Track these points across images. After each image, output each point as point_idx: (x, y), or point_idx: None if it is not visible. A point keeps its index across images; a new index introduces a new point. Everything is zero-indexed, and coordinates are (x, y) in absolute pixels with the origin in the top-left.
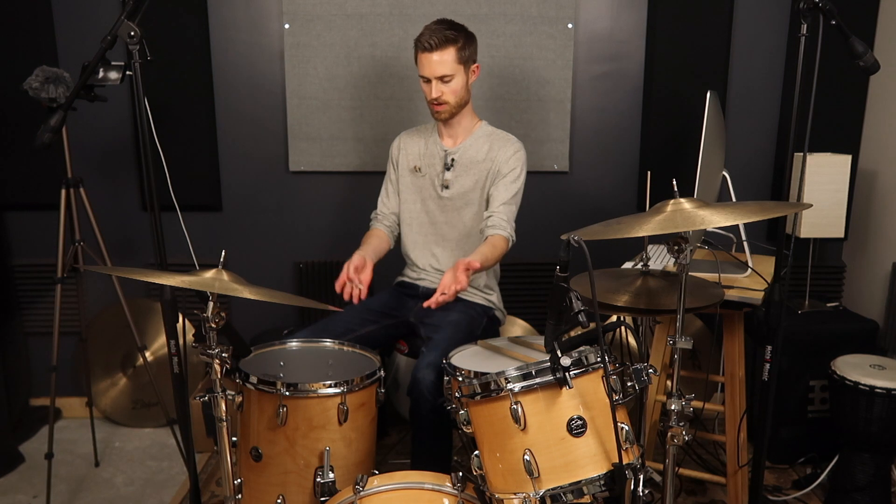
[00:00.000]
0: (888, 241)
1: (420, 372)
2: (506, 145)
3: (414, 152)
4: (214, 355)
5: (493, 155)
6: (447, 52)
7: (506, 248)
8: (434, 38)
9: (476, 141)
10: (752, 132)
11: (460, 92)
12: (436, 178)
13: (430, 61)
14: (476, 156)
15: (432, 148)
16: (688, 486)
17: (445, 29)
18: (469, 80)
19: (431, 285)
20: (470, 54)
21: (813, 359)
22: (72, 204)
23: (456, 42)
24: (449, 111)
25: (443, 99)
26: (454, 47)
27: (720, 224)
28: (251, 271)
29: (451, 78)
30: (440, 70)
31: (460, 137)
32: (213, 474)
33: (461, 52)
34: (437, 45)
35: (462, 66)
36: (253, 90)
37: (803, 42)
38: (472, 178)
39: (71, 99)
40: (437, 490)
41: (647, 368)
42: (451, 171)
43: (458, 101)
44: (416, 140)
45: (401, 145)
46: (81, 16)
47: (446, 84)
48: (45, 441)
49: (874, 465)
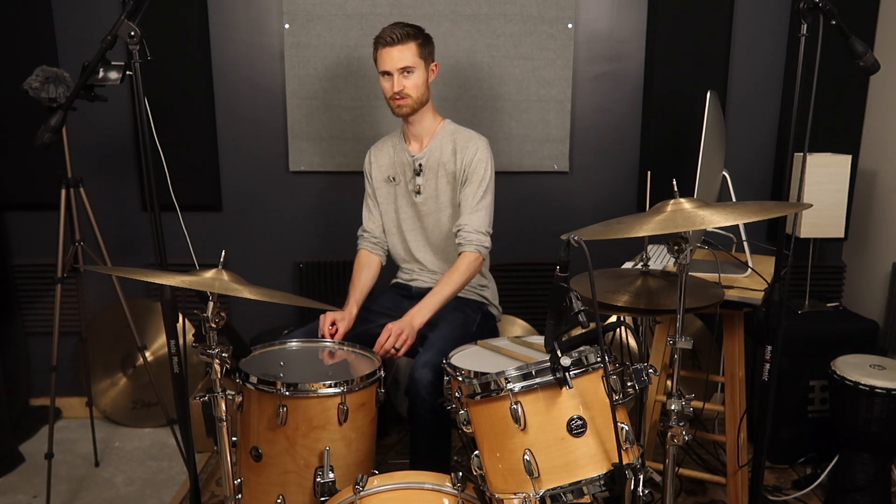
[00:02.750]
0: (888, 241)
1: (417, 372)
2: (468, 144)
3: (385, 162)
4: (214, 355)
5: (459, 156)
6: (408, 46)
7: (477, 261)
8: (395, 32)
9: (440, 142)
10: (752, 132)
11: (421, 87)
12: (408, 184)
13: (391, 55)
14: (441, 157)
15: (401, 155)
16: (688, 486)
17: (405, 26)
18: (429, 77)
19: (423, 285)
20: (429, 52)
21: (813, 359)
22: (72, 204)
23: (416, 38)
24: (410, 106)
25: (405, 93)
26: (415, 42)
27: (720, 224)
28: (251, 271)
29: (413, 70)
30: (402, 62)
31: (425, 139)
32: (213, 474)
33: (421, 47)
34: (398, 39)
35: (423, 60)
36: (253, 90)
37: (803, 42)
38: (442, 181)
39: (71, 99)
40: (437, 490)
41: (647, 368)
42: (422, 175)
43: (419, 96)
44: (384, 150)
45: (371, 159)
46: (81, 16)
47: (407, 78)
48: (45, 441)
49: (874, 465)
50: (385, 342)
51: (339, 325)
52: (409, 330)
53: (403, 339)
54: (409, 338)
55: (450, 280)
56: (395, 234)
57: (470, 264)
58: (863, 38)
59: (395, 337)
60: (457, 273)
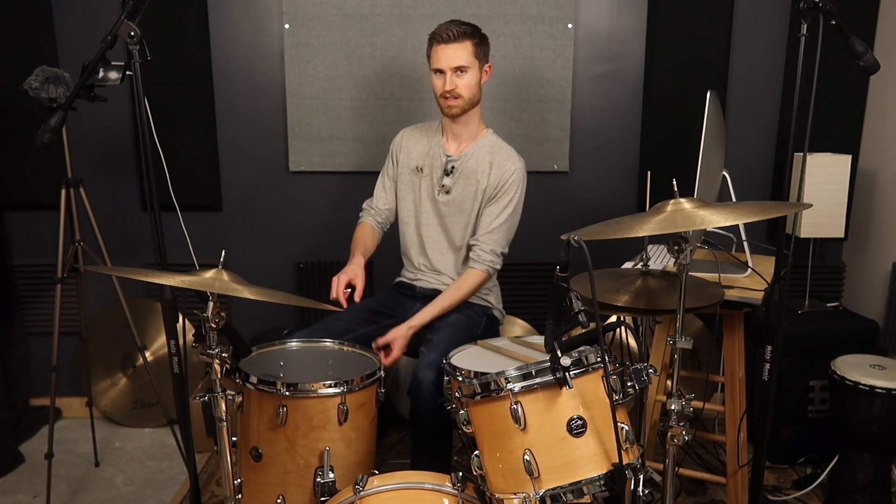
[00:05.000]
0: (888, 241)
1: (421, 372)
2: (507, 163)
3: (417, 151)
4: (214, 355)
5: (495, 172)
6: (464, 43)
7: (483, 280)
8: (452, 29)
9: (478, 151)
10: (752, 132)
11: (473, 88)
12: (435, 181)
13: (446, 52)
14: (476, 167)
15: (435, 150)
16: (688, 486)
17: (462, 24)
18: (482, 78)
19: (428, 286)
20: (485, 52)
21: (813, 359)
22: (72, 204)
23: (473, 37)
24: (461, 106)
25: (457, 92)
26: (471, 41)
27: (720, 224)
28: (251, 271)
29: (467, 70)
30: (457, 61)
31: (464, 143)
32: (213, 474)
33: (477, 47)
34: (455, 37)
35: (477, 60)
36: (253, 90)
37: (803, 42)
38: (470, 189)
39: (71, 99)
40: (437, 490)
41: (647, 368)
42: (451, 176)
43: (471, 97)
44: (419, 139)
45: (403, 142)
46: (81, 16)
47: (461, 77)
48: (45, 441)
49: (874, 465)
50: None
51: (355, 283)
52: (403, 338)
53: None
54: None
55: (453, 293)
56: (411, 225)
57: (475, 282)
58: (863, 38)
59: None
60: (461, 287)
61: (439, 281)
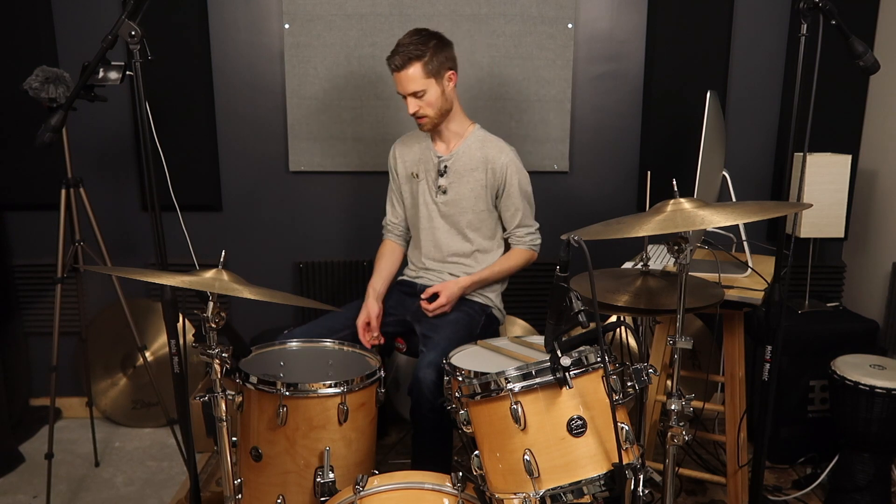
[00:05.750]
0: (888, 241)
1: (421, 371)
2: (499, 157)
3: (410, 159)
4: (214, 355)
5: (490, 167)
6: (413, 68)
7: (527, 257)
8: (397, 58)
9: (469, 148)
10: (752, 132)
11: (437, 103)
12: (431, 183)
13: (400, 80)
14: (469, 163)
15: (426, 153)
16: (688, 486)
17: (412, 44)
18: (445, 88)
19: (429, 283)
20: (440, 64)
21: (813, 359)
22: (72, 204)
23: (421, 57)
24: (431, 122)
25: (421, 113)
26: (419, 63)
27: (720, 224)
28: (251, 271)
29: (424, 92)
30: (410, 87)
31: (453, 143)
32: (213, 474)
33: (428, 65)
34: (402, 65)
35: (432, 78)
36: (253, 90)
37: (803, 42)
38: (467, 186)
39: (71, 99)
40: (437, 490)
41: (647, 368)
42: (445, 177)
43: (438, 111)
44: (410, 146)
45: (396, 154)
46: (81, 16)
47: (421, 98)
48: (45, 441)
49: (874, 465)
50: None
51: (373, 323)
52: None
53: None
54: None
55: (502, 263)
56: (418, 230)
57: (522, 258)
58: (863, 38)
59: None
60: (509, 260)
61: (440, 279)
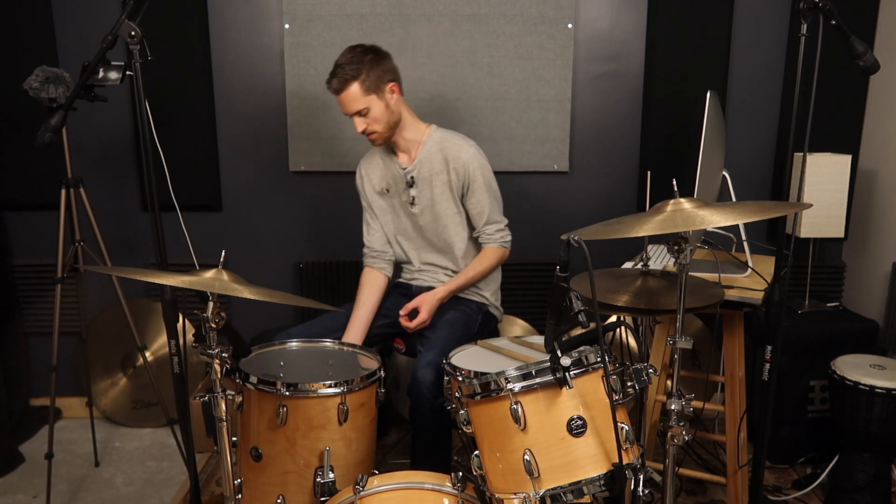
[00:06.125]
0: (888, 241)
1: (420, 371)
2: (459, 154)
3: (377, 175)
4: (214, 355)
5: (452, 166)
6: (351, 88)
7: (499, 254)
8: (334, 81)
9: (430, 152)
10: (752, 132)
11: (383, 117)
12: (402, 195)
13: (341, 102)
14: (433, 167)
15: (392, 168)
16: (688, 486)
17: (346, 63)
18: (389, 101)
19: (424, 284)
20: (378, 79)
21: (813, 359)
22: (72, 204)
23: (357, 76)
24: (381, 137)
25: (369, 129)
26: (356, 82)
27: (720, 224)
28: (251, 271)
29: (367, 110)
30: (351, 108)
31: (413, 150)
32: (213, 474)
33: (365, 83)
34: (340, 87)
35: (373, 94)
36: (253, 90)
37: (803, 42)
38: (437, 190)
39: (71, 99)
40: (437, 490)
41: (647, 368)
42: (415, 187)
43: (386, 125)
44: (376, 163)
45: (363, 173)
46: (81, 16)
47: (366, 116)
48: (45, 441)
49: (874, 465)
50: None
51: None
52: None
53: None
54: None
55: (476, 266)
56: (397, 243)
57: (494, 256)
58: (863, 38)
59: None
60: (482, 262)
61: (435, 279)
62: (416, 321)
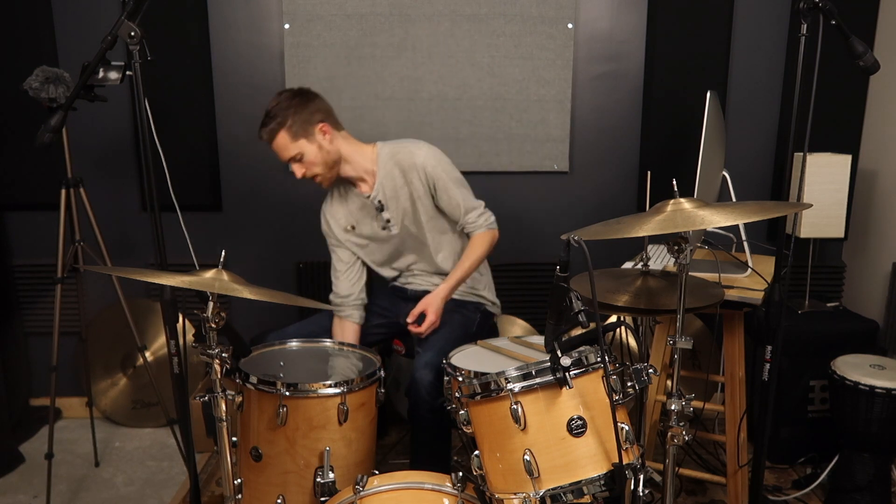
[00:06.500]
0: (888, 241)
1: (418, 372)
2: (413, 160)
3: (341, 214)
4: (214, 355)
5: (410, 176)
6: (280, 138)
7: (489, 238)
8: (263, 132)
9: (386, 171)
10: (752, 132)
11: (320, 158)
12: (374, 223)
13: (275, 151)
14: (395, 183)
15: (355, 201)
16: (688, 486)
17: (272, 112)
18: (322, 143)
19: (419, 287)
20: (305, 123)
21: (813, 359)
22: (72, 204)
23: (282, 125)
24: (326, 178)
25: (309, 174)
26: (282, 130)
27: (720, 224)
28: (251, 271)
29: (301, 155)
30: (286, 155)
31: (369, 177)
32: (213, 474)
33: (292, 129)
34: (270, 139)
35: (302, 139)
36: (253, 90)
37: (803, 42)
38: (406, 204)
39: (71, 99)
40: (437, 490)
41: (647, 368)
42: (386, 210)
43: (325, 165)
44: (338, 204)
45: (327, 216)
46: (81, 16)
47: (302, 161)
48: (45, 441)
49: (874, 465)
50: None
51: None
52: (436, 304)
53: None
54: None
55: (471, 254)
56: (381, 269)
57: (485, 240)
58: (863, 38)
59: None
60: (475, 250)
61: (429, 282)
62: (425, 324)
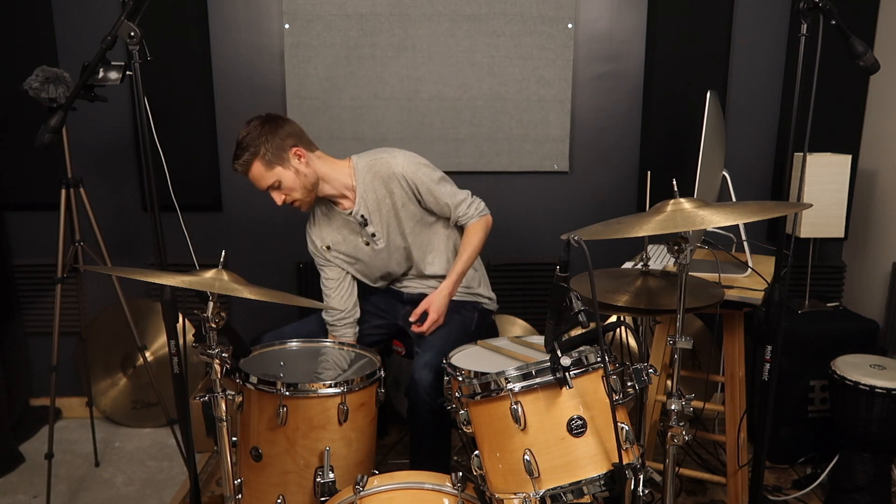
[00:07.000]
0: (888, 241)
1: (417, 373)
2: (392, 170)
3: (327, 233)
4: (214, 355)
5: (391, 186)
6: (254, 168)
7: (483, 225)
8: (237, 165)
9: (366, 184)
10: (752, 132)
11: (297, 183)
12: (360, 238)
13: (252, 181)
14: (377, 195)
15: (338, 219)
16: (688, 486)
17: (244, 142)
18: (297, 167)
19: (415, 290)
20: (278, 149)
21: (813, 359)
22: (72, 204)
23: (255, 154)
24: (305, 202)
25: (289, 199)
26: (256, 160)
27: (720, 224)
28: (251, 271)
29: (279, 182)
30: (263, 184)
31: (349, 192)
32: (213, 474)
33: (265, 157)
34: (244, 170)
35: (277, 167)
36: (253, 90)
37: (803, 42)
38: (389, 215)
39: (71, 99)
40: (437, 490)
41: (647, 368)
42: (370, 224)
43: (304, 189)
44: (322, 224)
45: (312, 237)
46: (81, 16)
47: (280, 188)
48: (45, 441)
49: (874, 465)
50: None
51: None
52: (439, 302)
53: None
54: (437, 310)
55: (468, 245)
56: (373, 282)
57: (479, 228)
58: (863, 38)
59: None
60: (472, 241)
61: (424, 285)
62: (428, 322)
